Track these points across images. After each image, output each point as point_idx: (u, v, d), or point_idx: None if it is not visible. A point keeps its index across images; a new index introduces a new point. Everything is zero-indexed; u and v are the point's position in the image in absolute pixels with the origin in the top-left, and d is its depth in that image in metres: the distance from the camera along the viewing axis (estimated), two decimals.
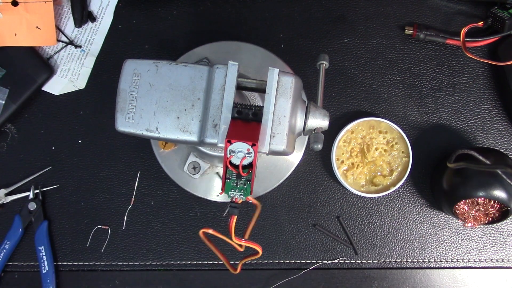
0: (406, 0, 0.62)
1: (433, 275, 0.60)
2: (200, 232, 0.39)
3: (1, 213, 0.60)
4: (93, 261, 0.59)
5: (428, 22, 0.62)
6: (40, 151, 0.60)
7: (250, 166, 0.36)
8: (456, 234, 0.60)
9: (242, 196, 0.38)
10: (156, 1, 0.62)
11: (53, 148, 0.60)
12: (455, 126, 0.61)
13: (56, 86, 0.60)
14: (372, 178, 0.58)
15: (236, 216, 0.38)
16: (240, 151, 0.35)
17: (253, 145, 0.34)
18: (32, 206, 0.58)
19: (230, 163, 0.36)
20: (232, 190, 0.38)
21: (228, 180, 0.37)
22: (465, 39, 0.58)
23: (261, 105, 0.38)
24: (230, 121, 0.37)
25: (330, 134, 0.58)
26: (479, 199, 0.53)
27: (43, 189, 0.60)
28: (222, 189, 0.38)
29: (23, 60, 0.58)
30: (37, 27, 0.58)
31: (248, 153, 0.35)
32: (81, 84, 0.61)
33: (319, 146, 0.38)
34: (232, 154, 0.35)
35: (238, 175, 0.37)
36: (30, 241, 0.59)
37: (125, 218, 0.59)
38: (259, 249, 0.40)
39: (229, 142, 0.35)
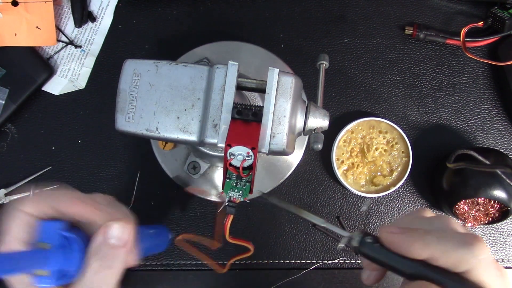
0: (406, 0, 0.62)
1: None
2: (178, 239, 0.40)
3: (1, 213, 0.59)
4: None
5: (428, 22, 0.62)
6: (40, 151, 0.60)
7: (250, 168, 0.36)
8: None
9: (240, 197, 0.38)
10: (156, 1, 0.62)
11: (53, 148, 0.60)
12: (455, 126, 0.61)
13: (56, 86, 0.60)
14: (372, 178, 0.58)
15: (232, 215, 0.38)
16: (240, 154, 0.35)
17: (252, 149, 0.34)
18: None
19: (231, 165, 0.36)
20: (231, 190, 0.38)
21: (228, 180, 0.37)
22: (465, 39, 0.58)
23: (261, 105, 0.38)
24: (230, 122, 0.37)
25: (330, 134, 0.58)
26: (479, 199, 0.53)
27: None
28: (222, 189, 0.38)
29: (23, 60, 0.58)
30: (37, 27, 0.58)
31: (248, 156, 0.35)
32: (81, 84, 0.61)
33: (319, 146, 0.38)
34: (232, 157, 0.35)
35: (238, 175, 0.37)
36: None
37: None
38: (250, 246, 0.41)
39: (229, 145, 0.35)
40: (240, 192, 0.38)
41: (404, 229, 0.30)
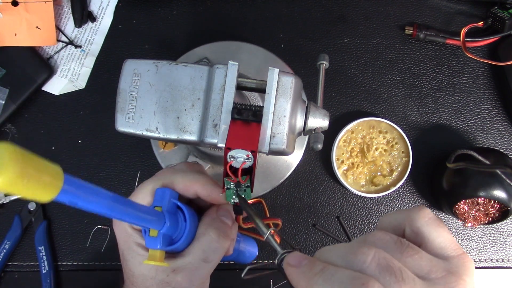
0: (406, 0, 0.62)
1: None
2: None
3: (1, 213, 0.60)
4: (93, 261, 0.59)
5: (428, 22, 0.62)
6: (40, 151, 0.60)
7: (250, 170, 0.36)
8: (456, 234, 0.60)
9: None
10: (156, 1, 0.62)
11: (53, 148, 0.60)
12: (455, 126, 0.61)
13: (56, 86, 0.60)
14: (372, 178, 0.58)
15: (241, 216, 0.39)
16: (240, 156, 0.35)
17: (252, 152, 0.34)
18: (32, 206, 0.58)
19: (231, 167, 0.36)
20: (234, 197, 0.38)
21: (227, 189, 0.38)
22: (465, 39, 0.58)
23: (261, 105, 0.38)
24: (230, 122, 0.37)
25: (330, 134, 0.58)
26: (479, 199, 0.53)
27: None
28: (222, 190, 0.38)
29: (23, 60, 0.58)
30: (37, 27, 0.58)
31: (248, 159, 0.35)
32: (81, 84, 0.61)
33: (319, 146, 0.38)
34: (232, 159, 0.35)
35: (238, 183, 0.37)
36: (30, 241, 0.59)
37: None
38: (278, 221, 0.43)
39: (229, 149, 0.35)
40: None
41: (304, 260, 0.28)
